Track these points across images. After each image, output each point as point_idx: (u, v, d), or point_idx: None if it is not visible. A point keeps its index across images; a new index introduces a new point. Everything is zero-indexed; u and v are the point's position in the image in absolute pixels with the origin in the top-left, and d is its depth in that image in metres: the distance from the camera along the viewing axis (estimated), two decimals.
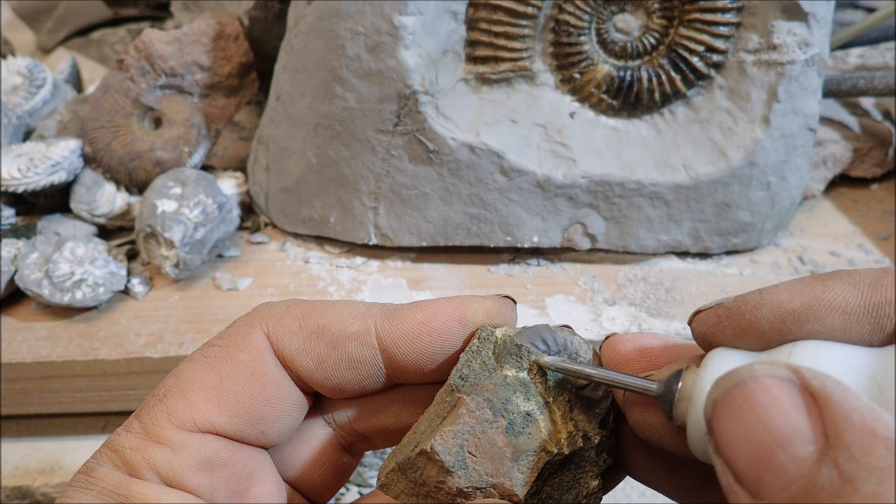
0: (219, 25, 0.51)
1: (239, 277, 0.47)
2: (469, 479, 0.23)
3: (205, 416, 0.23)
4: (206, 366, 0.24)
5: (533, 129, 0.46)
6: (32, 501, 0.42)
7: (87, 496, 0.22)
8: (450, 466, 0.23)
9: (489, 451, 0.23)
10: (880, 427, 0.15)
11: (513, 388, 0.24)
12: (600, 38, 0.45)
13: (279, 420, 0.25)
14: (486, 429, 0.23)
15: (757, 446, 0.16)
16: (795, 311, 0.20)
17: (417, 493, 0.24)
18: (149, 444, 0.23)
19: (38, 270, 0.43)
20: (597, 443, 0.24)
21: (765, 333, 0.20)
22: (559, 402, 0.24)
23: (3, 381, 0.42)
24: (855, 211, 0.53)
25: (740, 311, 0.21)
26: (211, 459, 0.23)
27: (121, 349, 0.41)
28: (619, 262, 0.47)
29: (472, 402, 0.23)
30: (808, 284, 0.20)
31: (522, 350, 0.24)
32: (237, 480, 0.24)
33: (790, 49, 0.43)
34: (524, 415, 0.23)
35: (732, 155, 0.44)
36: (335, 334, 0.24)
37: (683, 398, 0.20)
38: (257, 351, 0.24)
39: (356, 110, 0.44)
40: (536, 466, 0.23)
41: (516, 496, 0.23)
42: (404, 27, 0.42)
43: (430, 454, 0.23)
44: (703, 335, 0.22)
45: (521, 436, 0.23)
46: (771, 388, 0.16)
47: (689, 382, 0.21)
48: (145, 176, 0.49)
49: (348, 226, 0.47)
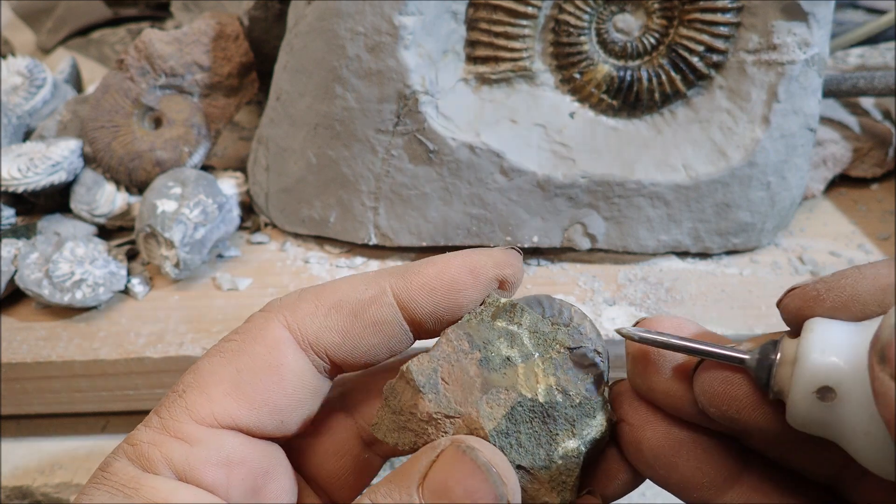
0: (219, 25, 0.52)
1: (239, 277, 0.47)
2: (438, 404, 0.23)
3: (225, 411, 0.24)
4: (223, 360, 0.24)
5: (533, 129, 0.46)
6: (32, 501, 0.42)
7: (100, 491, 0.22)
8: (420, 387, 0.23)
9: (461, 379, 0.23)
10: None
11: (498, 333, 0.24)
12: (600, 38, 0.45)
13: (297, 409, 0.25)
14: (460, 358, 0.24)
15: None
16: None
17: (397, 425, 0.24)
18: (166, 438, 0.23)
19: (38, 270, 0.43)
20: (577, 403, 0.24)
21: (866, 305, 0.21)
22: (545, 359, 0.24)
23: (3, 381, 0.42)
24: (855, 211, 0.53)
25: (841, 285, 0.21)
26: (229, 456, 0.23)
27: (121, 349, 0.41)
28: (619, 262, 0.47)
29: (453, 333, 0.24)
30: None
31: (516, 308, 0.25)
32: (253, 477, 0.24)
33: (790, 49, 0.43)
34: (504, 358, 0.24)
35: (732, 155, 0.44)
36: (353, 303, 0.25)
37: (785, 363, 0.21)
38: (273, 342, 0.24)
39: (356, 110, 0.44)
40: (506, 404, 0.23)
41: (482, 430, 0.23)
42: (404, 27, 0.42)
43: (405, 374, 0.24)
44: (797, 309, 0.22)
45: (494, 373, 0.24)
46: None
47: (789, 349, 0.21)
48: (145, 176, 0.49)
49: (348, 226, 0.47)
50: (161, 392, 0.42)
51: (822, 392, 0.20)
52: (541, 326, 0.25)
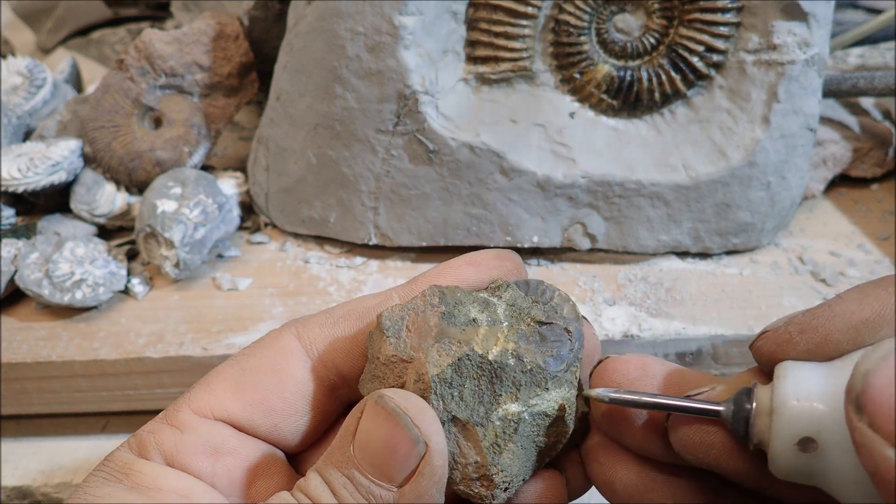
0: (219, 25, 0.51)
1: (239, 277, 0.47)
2: (397, 348, 0.24)
3: (220, 403, 0.24)
4: (233, 362, 0.26)
5: (533, 129, 0.46)
6: (32, 501, 0.42)
7: (96, 477, 0.23)
8: (385, 329, 0.24)
9: (421, 328, 0.24)
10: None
11: (473, 299, 0.25)
12: (600, 38, 0.45)
13: (294, 416, 0.25)
14: (426, 310, 0.24)
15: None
16: (868, 320, 0.20)
17: (371, 374, 0.25)
18: (163, 426, 0.24)
19: (38, 270, 0.43)
20: (528, 370, 0.24)
21: (839, 345, 0.20)
22: (512, 329, 0.25)
23: (3, 381, 0.42)
24: (855, 211, 0.53)
25: (813, 326, 0.21)
26: (217, 446, 0.24)
27: (121, 349, 0.41)
28: (619, 262, 0.47)
29: (429, 290, 0.25)
30: (871, 293, 0.21)
31: (502, 284, 0.26)
32: (240, 471, 0.24)
33: (790, 49, 0.43)
34: (470, 319, 0.24)
35: (732, 155, 0.44)
36: (361, 311, 0.26)
37: (762, 414, 0.20)
38: (282, 349, 0.26)
39: (356, 110, 0.44)
40: (454, 354, 0.23)
41: (426, 375, 0.23)
42: (404, 27, 0.42)
43: (378, 319, 0.24)
44: (771, 353, 0.22)
45: (454, 327, 0.24)
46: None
47: (764, 398, 0.20)
48: (145, 176, 0.49)
49: (348, 226, 0.47)
50: (161, 392, 0.42)
51: (803, 443, 0.19)
52: (519, 301, 0.25)
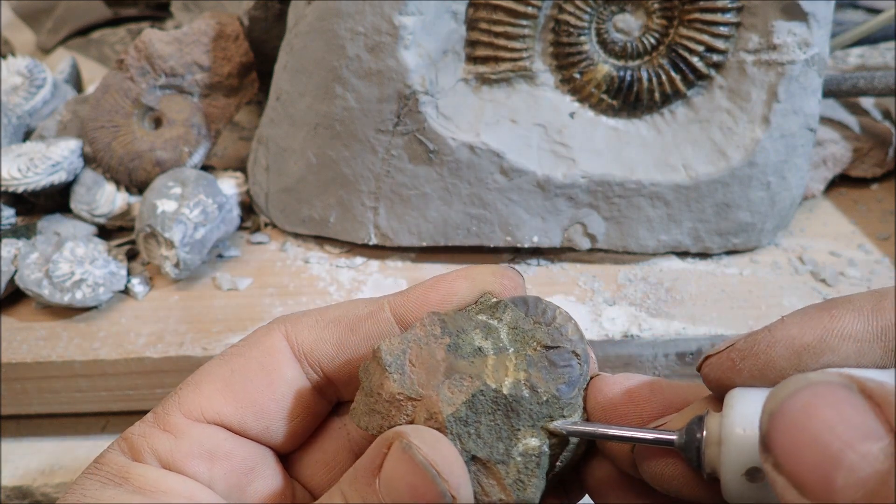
0: (219, 25, 0.51)
1: (239, 277, 0.47)
2: (402, 385, 0.23)
3: (212, 406, 0.24)
4: (221, 362, 0.25)
5: (533, 129, 0.46)
6: (32, 501, 0.42)
7: (91, 481, 0.23)
8: (387, 366, 0.23)
9: (427, 362, 0.23)
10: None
11: (474, 324, 0.24)
12: (600, 38, 0.45)
13: (285, 417, 0.25)
14: (430, 342, 0.23)
15: (823, 450, 0.16)
16: (809, 346, 0.20)
17: (368, 407, 0.24)
18: (155, 430, 0.24)
19: (38, 270, 0.43)
20: (545, 401, 0.23)
21: (782, 371, 0.20)
22: (519, 355, 0.24)
23: (3, 381, 0.42)
24: (855, 211, 0.53)
25: (755, 352, 0.21)
26: (211, 450, 0.24)
27: (121, 349, 0.41)
28: (619, 262, 0.47)
29: (427, 318, 0.24)
30: (814, 317, 0.20)
31: (500, 304, 0.25)
32: (236, 474, 0.24)
33: (790, 49, 0.43)
34: (475, 348, 0.24)
35: (732, 155, 0.44)
36: (351, 319, 0.25)
37: (711, 443, 0.20)
38: (271, 349, 0.25)
39: (356, 110, 0.44)
40: (467, 391, 0.23)
41: (440, 414, 0.22)
42: (404, 27, 0.42)
43: (376, 353, 0.23)
44: (717, 380, 0.22)
45: (462, 360, 0.23)
46: (830, 393, 0.16)
47: (713, 426, 0.20)
48: (145, 176, 0.49)
49: (348, 226, 0.47)
50: (161, 392, 0.42)
51: (750, 473, 0.19)
52: (521, 323, 0.24)
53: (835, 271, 0.46)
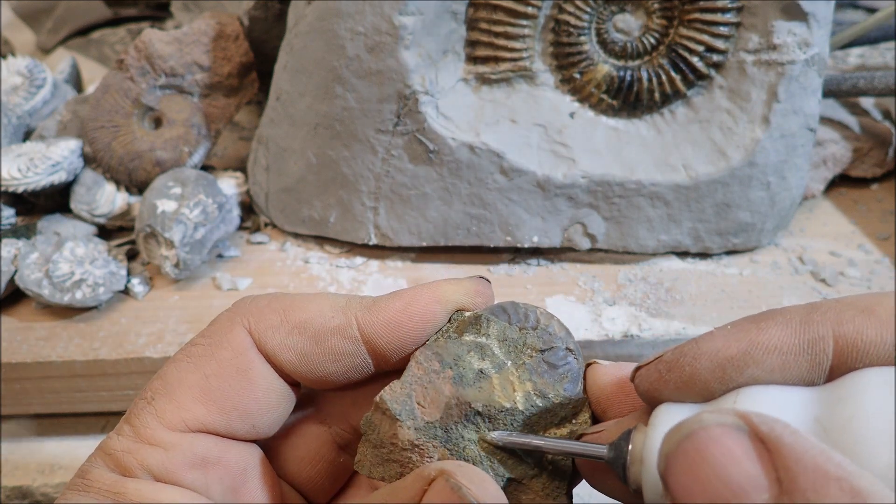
0: (219, 25, 0.51)
1: (239, 277, 0.47)
2: (418, 430, 0.23)
3: (194, 416, 0.24)
4: (190, 366, 0.24)
5: (533, 129, 0.46)
6: (32, 501, 0.42)
7: (84, 497, 0.22)
8: (397, 415, 0.23)
9: (436, 400, 0.23)
10: (832, 468, 0.15)
11: (467, 347, 0.24)
12: (600, 38, 0.45)
13: (268, 413, 0.25)
14: (433, 379, 0.23)
15: (713, 498, 0.16)
16: (733, 358, 0.19)
17: (381, 458, 0.23)
18: (141, 446, 0.23)
19: (38, 270, 0.43)
20: (557, 403, 0.23)
21: (707, 384, 0.20)
22: (519, 366, 0.24)
23: (3, 381, 0.42)
24: (855, 211, 0.53)
25: (679, 365, 0.20)
26: (204, 457, 0.24)
27: (121, 349, 0.41)
28: (619, 262, 0.47)
29: (421, 354, 0.23)
30: (742, 329, 0.20)
31: (481, 319, 0.24)
32: (231, 477, 0.24)
33: (790, 49, 0.43)
34: (477, 371, 0.23)
35: (732, 155, 0.44)
36: (317, 329, 0.24)
37: (635, 461, 0.20)
38: (240, 347, 0.24)
39: (356, 110, 0.44)
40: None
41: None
42: (404, 27, 0.42)
43: (380, 405, 0.23)
44: (646, 392, 0.21)
45: (470, 388, 0.23)
46: (721, 438, 0.16)
47: (638, 443, 0.20)
48: (145, 176, 0.49)
49: (348, 226, 0.47)
50: None
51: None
52: (509, 334, 0.24)
53: (835, 271, 0.46)
